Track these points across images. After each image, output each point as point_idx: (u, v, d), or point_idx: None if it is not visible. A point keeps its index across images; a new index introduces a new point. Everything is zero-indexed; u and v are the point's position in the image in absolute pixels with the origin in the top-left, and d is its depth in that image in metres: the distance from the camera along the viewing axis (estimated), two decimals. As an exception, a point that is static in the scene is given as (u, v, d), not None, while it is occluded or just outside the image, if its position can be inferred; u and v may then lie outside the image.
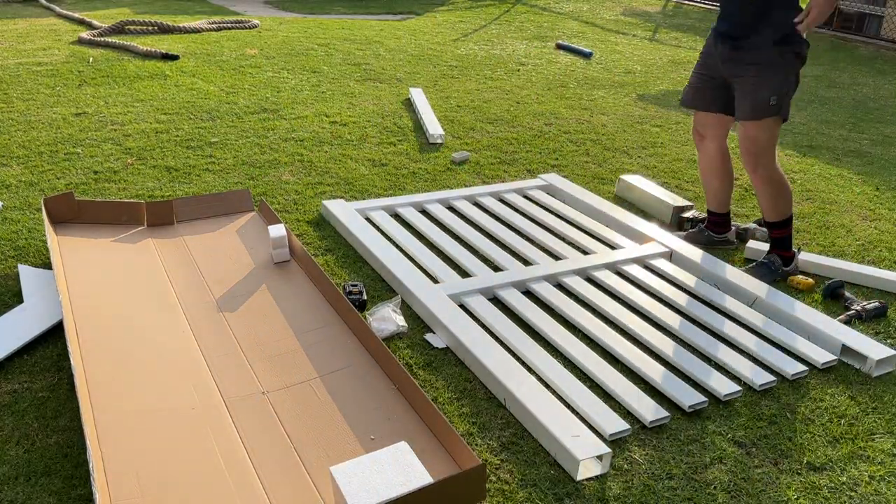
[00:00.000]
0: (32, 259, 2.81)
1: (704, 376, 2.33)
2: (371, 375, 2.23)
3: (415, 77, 5.71)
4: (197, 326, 2.42)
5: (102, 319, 2.39)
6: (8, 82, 4.91)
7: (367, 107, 4.90)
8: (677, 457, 2.05)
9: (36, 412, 2.06)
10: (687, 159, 4.31)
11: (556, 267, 2.92)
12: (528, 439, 2.08)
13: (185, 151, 3.95)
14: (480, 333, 2.43)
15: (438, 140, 4.33)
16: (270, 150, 4.04)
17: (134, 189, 3.48)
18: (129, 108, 4.56)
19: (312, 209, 3.41)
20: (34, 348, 2.32)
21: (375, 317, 2.53)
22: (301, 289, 2.67)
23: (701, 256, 3.06)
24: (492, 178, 3.90)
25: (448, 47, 6.80)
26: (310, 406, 2.10)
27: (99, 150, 3.90)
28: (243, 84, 5.21)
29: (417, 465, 1.73)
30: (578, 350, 2.43)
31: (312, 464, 1.90)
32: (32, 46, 5.85)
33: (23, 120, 4.25)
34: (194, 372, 2.20)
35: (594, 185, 3.88)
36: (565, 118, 4.96)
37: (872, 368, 2.44)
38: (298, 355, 2.31)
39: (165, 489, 1.78)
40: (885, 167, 4.36)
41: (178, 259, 2.81)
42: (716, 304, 2.78)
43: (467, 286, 2.74)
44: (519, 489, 1.91)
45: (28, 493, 1.80)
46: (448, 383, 2.30)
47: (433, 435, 2.00)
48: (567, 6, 9.44)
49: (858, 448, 2.12)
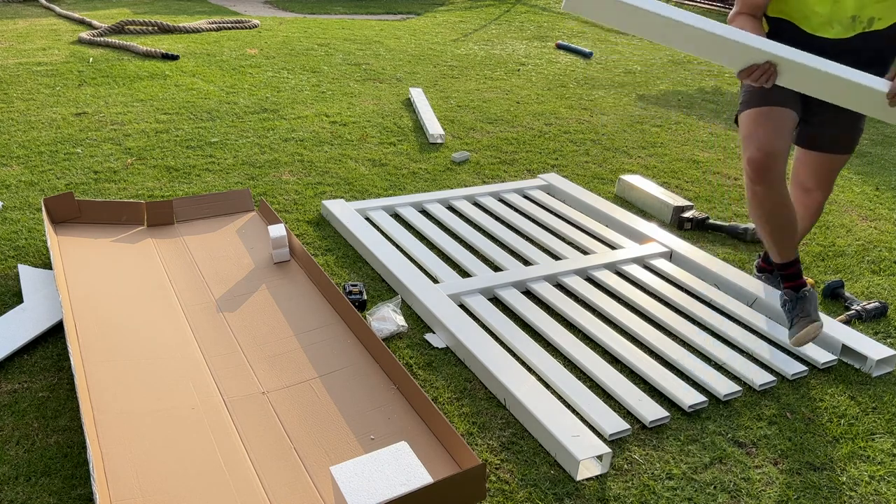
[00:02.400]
0: (32, 259, 2.81)
1: (704, 376, 2.33)
2: (371, 375, 2.23)
3: (415, 77, 5.71)
4: (197, 326, 2.42)
5: (102, 319, 2.39)
6: (8, 82, 4.91)
7: (367, 107, 4.90)
8: (677, 457, 2.05)
9: (36, 412, 2.06)
10: (687, 159, 4.31)
11: (556, 267, 2.92)
12: (528, 439, 2.08)
13: (185, 151, 3.95)
14: (480, 333, 2.43)
15: (438, 140, 4.33)
16: (270, 150, 4.04)
17: (134, 189, 3.48)
18: (129, 108, 4.56)
19: (312, 209, 3.41)
20: (34, 348, 2.32)
21: (375, 317, 2.53)
22: (301, 289, 2.67)
23: (701, 256, 3.06)
24: (492, 178, 3.90)
25: (448, 47, 6.80)
26: (310, 406, 2.10)
27: (99, 150, 3.90)
28: (243, 84, 5.21)
29: (417, 465, 1.73)
30: (578, 350, 2.43)
31: (312, 464, 1.90)
32: (32, 46, 5.85)
33: (23, 120, 4.25)
34: (194, 372, 2.20)
35: (594, 185, 3.88)
36: (565, 118, 4.96)
37: (872, 368, 2.44)
38: (298, 355, 2.31)
39: (165, 489, 1.78)
40: (885, 167, 4.37)
41: (178, 259, 2.81)
42: (716, 304, 2.78)
43: (467, 286, 2.74)
44: (519, 489, 1.91)
45: (28, 493, 1.80)
46: (448, 383, 2.30)
47: (433, 435, 2.00)
48: (567, 6, 9.43)
49: (858, 448, 2.12)
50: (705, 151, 4.46)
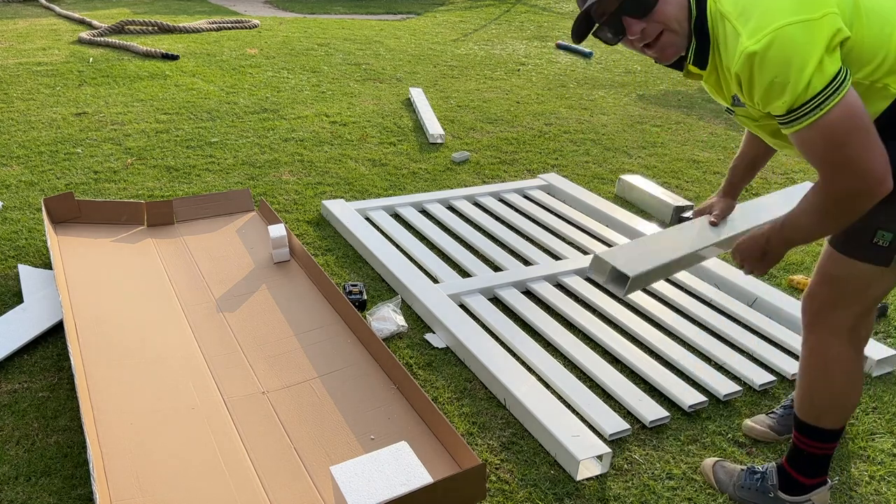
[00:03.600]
0: (32, 259, 2.81)
1: (704, 376, 2.33)
2: (371, 375, 2.23)
3: (415, 77, 5.71)
4: (197, 326, 2.42)
5: (102, 319, 2.39)
6: (8, 82, 4.91)
7: (367, 107, 4.90)
8: (677, 457, 2.05)
9: (36, 412, 2.06)
10: (687, 159, 4.31)
11: (556, 267, 2.92)
12: (528, 439, 2.08)
13: (185, 151, 3.95)
14: (480, 333, 2.43)
15: (438, 140, 4.33)
16: (270, 150, 4.04)
17: (134, 189, 3.48)
18: (129, 108, 4.56)
19: (312, 209, 3.41)
20: (34, 348, 2.32)
21: (375, 317, 2.53)
22: (301, 289, 2.67)
23: (701, 256, 3.06)
24: (492, 178, 3.90)
25: (448, 47, 6.80)
26: (310, 406, 2.10)
27: (99, 150, 3.90)
28: (243, 84, 5.21)
29: (417, 465, 1.73)
30: (578, 350, 2.43)
31: (312, 464, 1.90)
32: (32, 46, 5.85)
33: (23, 120, 4.25)
34: (194, 372, 2.20)
35: (594, 185, 3.88)
36: (565, 118, 4.96)
37: (872, 368, 2.44)
38: (298, 355, 2.31)
39: (165, 489, 1.78)
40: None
41: (178, 259, 2.81)
42: (716, 304, 2.78)
43: (467, 286, 2.74)
44: (519, 489, 1.91)
45: (28, 493, 1.80)
46: (448, 383, 2.30)
47: (433, 435, 2.00)
48: (567, 6, 9.43)
49: (858, 448, 2.12)
50: (705, 151, 4.46)
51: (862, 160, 1.42)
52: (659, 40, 1.56)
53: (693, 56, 1.58)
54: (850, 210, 1.48)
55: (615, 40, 1.60)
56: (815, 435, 1.77)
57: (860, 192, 1.44)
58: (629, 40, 1.59)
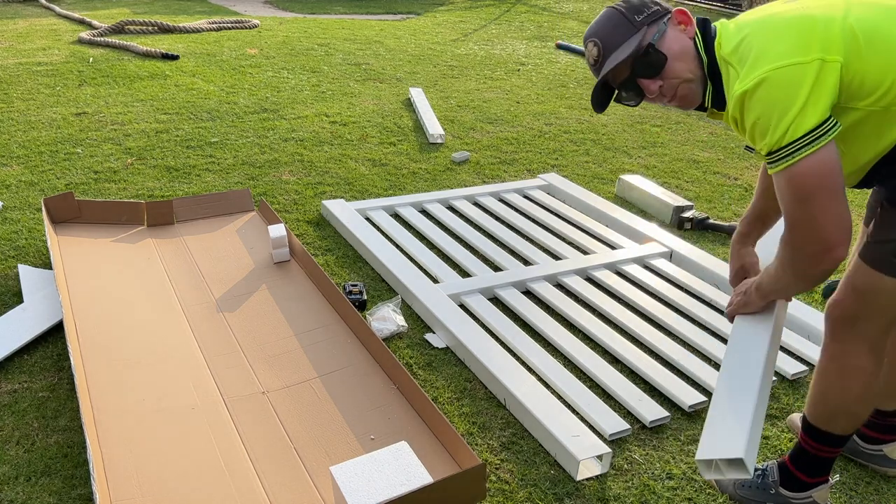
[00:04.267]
0: (32, 259, 2.81)
1: (704, 376, 2.33)
2: (371, 375, 2.23)
3: (415, 77, 5.71)
4: (197, 326, 2.42)
5: (102, 319, 2.39)
6: (8, 82, 4.91)
7: (367, 107, 4.90)
8: (677, 457, 2.05)
9: (36, 412, 2.06)
10: (687, 159, 4.31)
11: (556, 267, 2.92)
12: (528, 439, 2.08)
13: (185, 151, 3.95)
14: (480, 333, 2.43)
15: (438, 140, 4.33)
16: (270, 150, 4.04)
17: (134, 189, 3.48)
18: (129, 108, 4.56)
19: (312, 209, 3.41)
20: (34, 348, 2.32)
21: (375, 317, 2.53)
22: (301, 289, 2.67)
23: (701, 256, 3.06)
24: (492, 178, 3.90)
25: (448, 47, 6.80)
26: (310, 406, 2.10)
27: (99, 150, 3.90)
28: (243, 84, 5.21)
29: (417, 465, 1.73)
30: (578, 350, 2.43)
31: (312, 464, 1.90)
32: (32, 46, 5.85)
33: (23, 120, 4.25)
34: (194, 372, 2.20)
35: (594, 185, 3.88)
36: (565, 118, 4.96)
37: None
38: (298, 355, 2.31)
39: (165, 489, 1.78)
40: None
41: (178, 259, 2.81)
42: (716, 304, 2.78)
43: (467, 286, 2.74)
44: (519, 489, 1.91)
45: (28, 493, 1.80)
46: (448, 383, 2.30)
47: (433, 435, 2.00)
48: (567, 6, 9.44)
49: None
50: (705, 151, 4.46)
51: (817, 221, 1.42)
52: (677, 93, 1.62)
53: (711, 99, 1.63)
54: (805, 269, 1.51)
55: (636, 102, 1.67)
56: (823, 439, 1.77)
57: (810, 254, 1.47)
58: (650, 99, 1.66)
